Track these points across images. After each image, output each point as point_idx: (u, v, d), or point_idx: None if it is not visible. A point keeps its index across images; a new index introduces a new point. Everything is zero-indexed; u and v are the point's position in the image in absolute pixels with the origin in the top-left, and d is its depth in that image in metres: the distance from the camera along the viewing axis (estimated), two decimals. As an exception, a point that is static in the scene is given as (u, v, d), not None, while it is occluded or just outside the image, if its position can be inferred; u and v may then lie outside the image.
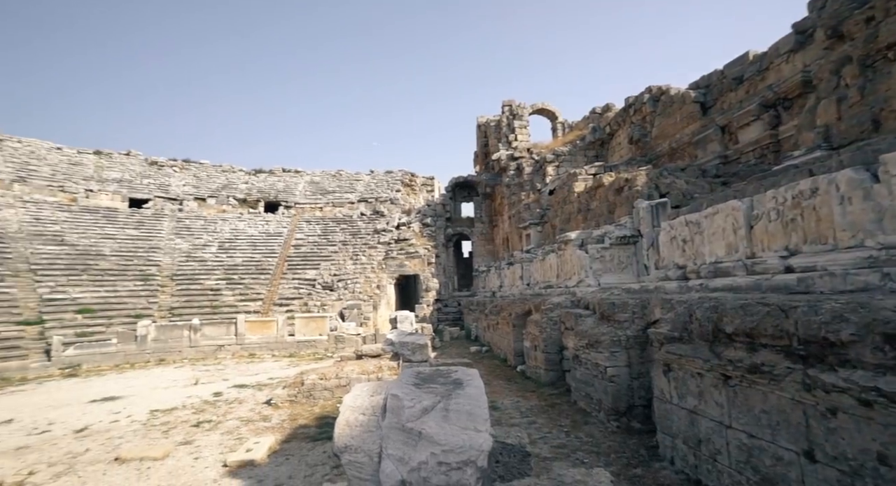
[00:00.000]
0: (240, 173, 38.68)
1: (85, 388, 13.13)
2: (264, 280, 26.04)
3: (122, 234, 27.44)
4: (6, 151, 30.88)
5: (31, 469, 6.45)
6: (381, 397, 2.18)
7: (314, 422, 8.14)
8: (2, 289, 19.92)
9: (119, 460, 6.66)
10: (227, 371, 15.09)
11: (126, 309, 21.55)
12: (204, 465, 6.35)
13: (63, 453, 7.24)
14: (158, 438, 7.78)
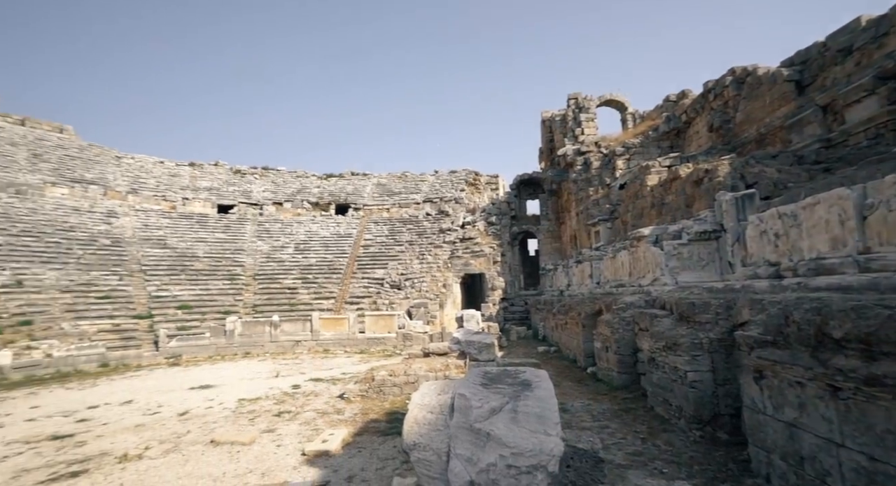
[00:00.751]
0: (312, 178, 40.94)
1: (185, 376, 14.58)
2: (336, 279, 27.35)
3: (212, 237, 30.14)
4: (123, 167, 35.19)
5: (147, 445, 7.28)
6: (449, 396, 2.18)
7: (384, 417, 8.39)
8: (120, 287, 22.70)
9: (214, 442, 7.31)
10: (304, 365, 16.02)
11: (216, 306, 23.65)
12: (285, 452, 6.78)
13: (170, 432, 8.08)
14: (246, 425, 8.43)
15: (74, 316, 19.83)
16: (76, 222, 26.41)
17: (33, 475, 6.33)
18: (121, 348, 18.57)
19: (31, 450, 7.48)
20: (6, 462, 6.93)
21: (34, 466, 6.72)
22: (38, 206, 26.31)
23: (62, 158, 32.62)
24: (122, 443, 7.54)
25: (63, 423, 9.10)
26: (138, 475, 6.14)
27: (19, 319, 18.42)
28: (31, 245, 22.86)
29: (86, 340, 18.58)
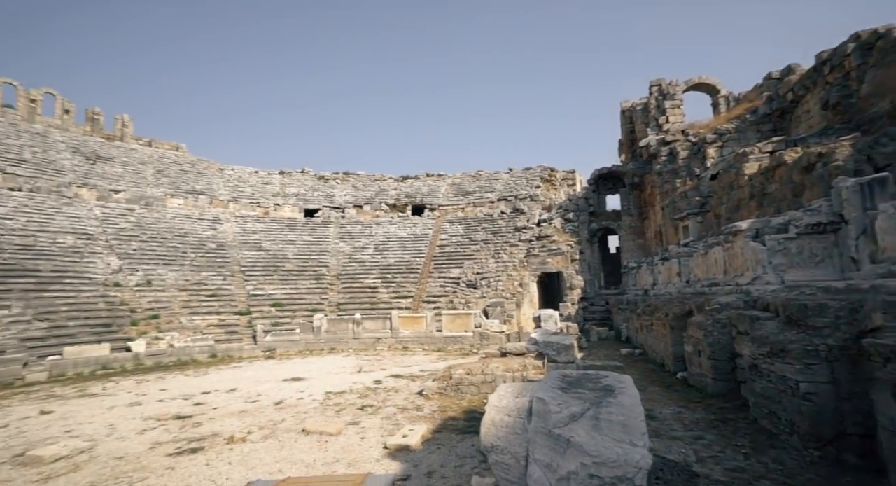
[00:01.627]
0: (389, 181, 42.47)
1: (279, 368, 15.85)
2: (413, 279, 28.13)
3: (300, 240, 32.47)
4: (225, 178, 39.19)
5: (249, 430, 8.02)
6: (527, 399, 2.13)
7: (462, 415, 8.46)
8: (224, 286, 25.29)
9: (305, 431, 7.86)
10: (385, 362, 16.67)
11: (305, 304, 25.43)
12: (368, 444, 7.10)
13: (267, 419, 8.84)
14: (332, 416, 8.96)
15: (189, 312, 22.44)
16: (189, 229, 29.87)
17: (164, 448, 7.26)
18: (226, 341, 20.67)
19: (162, 426, 8.58)
20: (145, 435, 8.02)
21: (164, 440, 7.70)
22: (161, 215, 30.14)
23: (178, 173, 37.06)
24: (229, 426, 8.38)
25: (183, 405, 10.33)
26: (243, 455, 6.79)
27: (149, 313, 21.24)
28: (156, 249, 26.26)
29: (198, 333, 20.94)
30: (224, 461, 6.56)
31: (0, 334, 16.50)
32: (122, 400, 11.22)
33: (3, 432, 8.73)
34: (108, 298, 21.09)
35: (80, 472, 6.39)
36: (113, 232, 26.17)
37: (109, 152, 35.41)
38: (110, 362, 16.52)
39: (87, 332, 18.46)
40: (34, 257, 21.17)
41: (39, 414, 10.07)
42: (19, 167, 27.69)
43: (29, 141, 31.39)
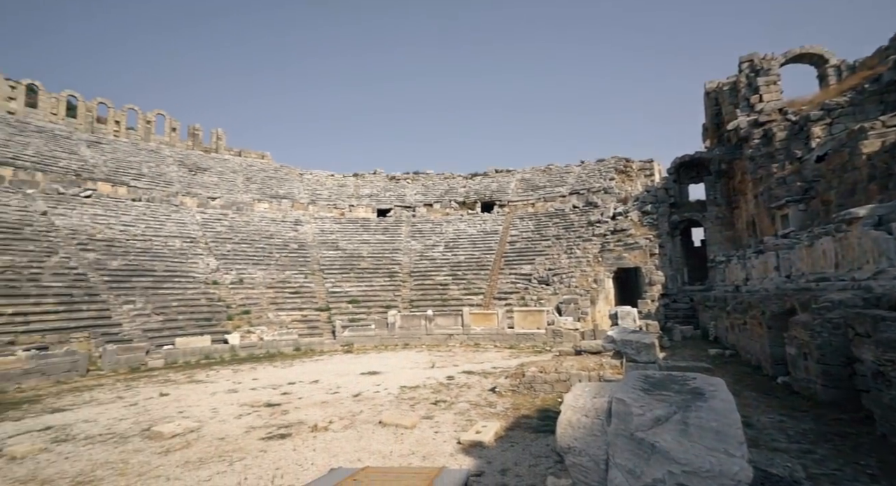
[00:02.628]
0: (458, 179, 42.76)
1: (356, 362, 16.62)
2: (484, 275, 28.10)
3: (373, 239, 33.77)
4: (304, 182, 41.86)
5: (331, 419, 8.50)
6: (605, 399, 2.01)
7: (535, 414, 8.30)
8: (306, 284, 27.03)
9: (382, 423, 8.16)
10: (457, 358, 16.82)
11: (379, 300, 26.41)
12: (442, 439, 7.20)
13: (346, 411, 9.30)
14: (407, 410, 9.20)
15: (276, 308, 24.26)
16: (274, 231, 32.27)
17: (257, 432, 7.92)
18: (308, 336, 22.08)
19: (255, 412, 9.37)
20: (241, 420, 8.81)
21: (257, 425, 8.40)
22: (249, 219, 32.89)
23: (263, 179, 40.17)
24: (312, 416, 8.93)
25: (273, 394, 11.19)
26: (325, 443, 7.19)
27: (242, 309, 23.29)
28: (246, 250, 28.71)
29: (284, 327, 22.58)
30: (309, 448, 7.00)
31: (128, 325, 18.98)
32: (221, 387, 12.40)
33: (134, 409, 10.04)
34: (208, 294, 23.42)
35: (191, 449, 7.15)
36: (211, 235, 29.00)
37: (207, 163, 39.27)
38: (211, 352, 18.34)
39: (193, 325, 20.64)
40: (151, 259, 24.08)
41: (159, 395, 11.43)
42: (139, 181, 31.62)
43: (146, 157, 35.73)
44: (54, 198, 25.62)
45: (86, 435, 8.12)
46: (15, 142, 29.27)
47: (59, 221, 23.74)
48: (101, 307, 19.24)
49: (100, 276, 21.04)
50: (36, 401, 11.36)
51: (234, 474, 6.03)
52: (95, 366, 15.75)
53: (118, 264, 22.51)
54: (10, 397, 11.93)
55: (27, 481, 6.14)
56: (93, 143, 34.43)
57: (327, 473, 4.77)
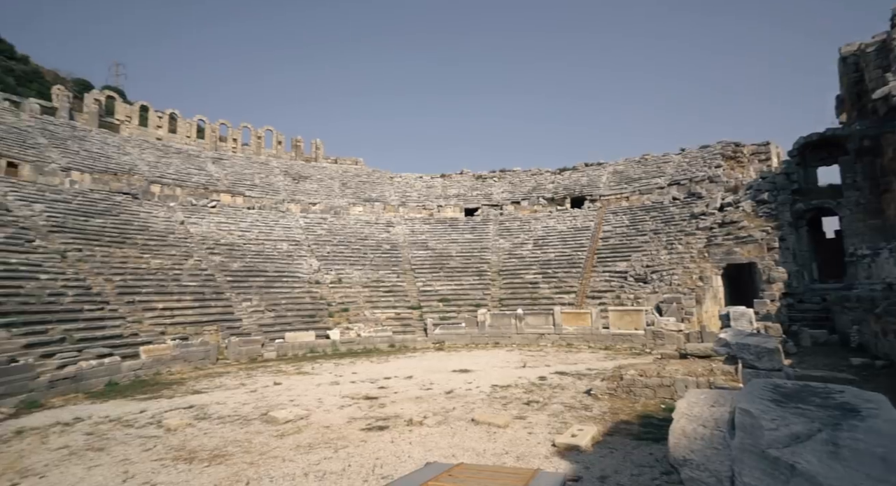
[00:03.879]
0: (546, 174, 41.66)
1: (447, 360, 16.94)
2: (576, 273, 27.05)
3: (461, 238, 34.18)
4: (395, 185, 43.77)
5: (425, 415, 8.76)
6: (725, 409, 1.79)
7: (636, 420, 7.78)
8: (398, 283, 28.21)
9: (474, 421, 8.21)
10: (548, 358, 16.39)
11: (469, 299, 26.65)
12: (536, 440, 7.05)
13: (440, 407, 9.52)
14: (499, 409, 9.16)
15: (371, 306, 25.64)
16: (368, 233, 34.13)
17: (358, 423, 8.43)
18: (401, 333, 22.99)
19: (355, 404, 9.99)
20: (343, 410, 9.45)
21: (357, 416, 8.95)
22: (346, 222, 35.17)
23: (358, 184, 42.70)
24: (407, 410, 9.27)
25: (371, 388, 11.83)
26: (421, 437, 7.42)
27: (341, 306, 24.99)
28: (343, 252, 30.75)
29: (379, 324, 23.77)
30: (405, 441, 7.27)
31: (246, 320, 21.35)
32: (325, 379, 13.40)
33: (254, 395, 11.26)
34: (311, 293, 25.48)
35: (302, 434, 7.82)
36: (312, 238, 31.51)
37: (308, 172, 42.74)
38: (315, 346, 19.91)
39: (299, 321, 22.59)
40: (263, 261, 26.84)
41: (273, 384, 12.69)
42: (252, 191, 35.44)
43: (257, 169, 39.93)
44: (189, 208, 29.65)
45: (218, 415, 9.27)
46: (161, 163, 34.43)
47: (192, 228, 27.44)
48: (225, 304, 21.85)
49: (224, 276, 23.92)
50: (181, 383, 13.24)
51: (339, 460, 6.46)
52: (223, 355, 17.93)
53: (238, 265, 25.40)
54: (163, 378, 14.06)
55: (180, 449, 7.18)
56: (216, 159, 39.27)
57: (423, 466, 4.91)
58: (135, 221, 25.47)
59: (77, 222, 22.51)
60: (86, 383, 12.44)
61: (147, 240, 23.93)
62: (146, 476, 6.08)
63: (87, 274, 19.08)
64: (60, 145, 29.87)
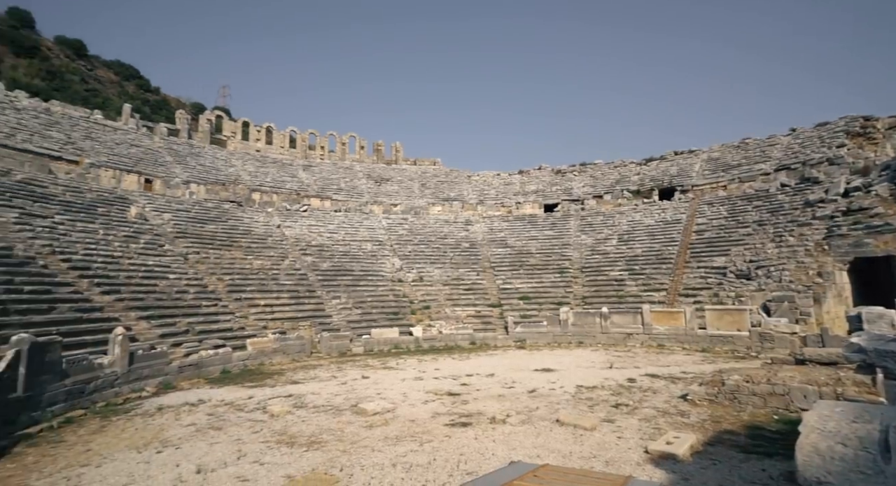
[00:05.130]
0: (630, 166, 39.34)
1: (529, 359, 16.66)
2: (666, 270, 25.20)
3: (541, 235, 33.41)
4: (472, 184, 44.03)
5: (508, 413, 8.70)
6: (872, 426, 1.53)
7: (742, 430, 7.06)
8: (478, 281, 28.33)
9: (559, 422, 7.99)
10: (637, 359, 15.45)
11: (550, 297, 25.98)
12: (626, 445, 6.67)
13: (523, 406, 9.39)
14: (585, 411, 8.82)
15: (452, 304, 26.01)
16: (447, 231, 34.67)
17: (442, 418, 8.61)
18: (482, 331, 23.04)
19: (438, 400, 10.21)
20: (427, 405, 9.70)
21: (441, 411, 9.13)
22: (425, 222, 36.05)
23: (436, 184, 43.57)
24: (490, 408, 9.27)
25: (453, 384, 12.01)
26: (504, 436, 7.38)
27: (423, 304, 25.67)
28: (424, 251, 31.54)
29: (459, 322, 24.02)
30: (489, 438, 7.28)
31: (336, 316, 22.77)
32: (409, 374, 13.84)
33: (344, 387, 11.97)
34: (394, 291, 26.47)
35: (389, 426, 8.16)
36: (395, 238, 32.72)
37: (389, 174, 44.46)
38: (399, 343, 20.65)
39: (383, 317, 23.59)
40: (350, 261, 28.42)
41: (361, 378, 13.39)
42: (339, 194, 37.72)
43: (342, 174, 42.40)
44: (283, 213, 32.30)
45: (314, 405, 9.99)
46: (260, 172, 37.94)
47: (287, 231, 29.85)
48: (317, 301, 23.48)
49: (315, 275, 25.71)
50: (280, 373, 14.48)
51: (425, 453, 6.64)
52: (316, 349, 19.29)
53: (327, 265, 27.15)
54: (265, 369, 15.49)
55: (282, 433, 7.86)
56: (306, 166, 42.34)
57: (507, 465, 4.87)
58: (239, 226, 28.30)
59: (195, 228, 25.56)
60: (205, 370, 14.09)
61: (250, 243, 26.47)
62: (255, 456, 6.72)
63: (203, 274, 21.59)
64: (182, 162, 34.11)
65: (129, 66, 78.18)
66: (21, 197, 19.47)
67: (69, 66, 65.02)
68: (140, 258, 19.92)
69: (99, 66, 73.32)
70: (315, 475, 5.88)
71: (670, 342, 18.52)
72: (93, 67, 70.56)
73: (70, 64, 65.72)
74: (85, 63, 69.60)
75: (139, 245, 20.97)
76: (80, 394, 10.06)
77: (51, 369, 9.36)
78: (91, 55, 72.89)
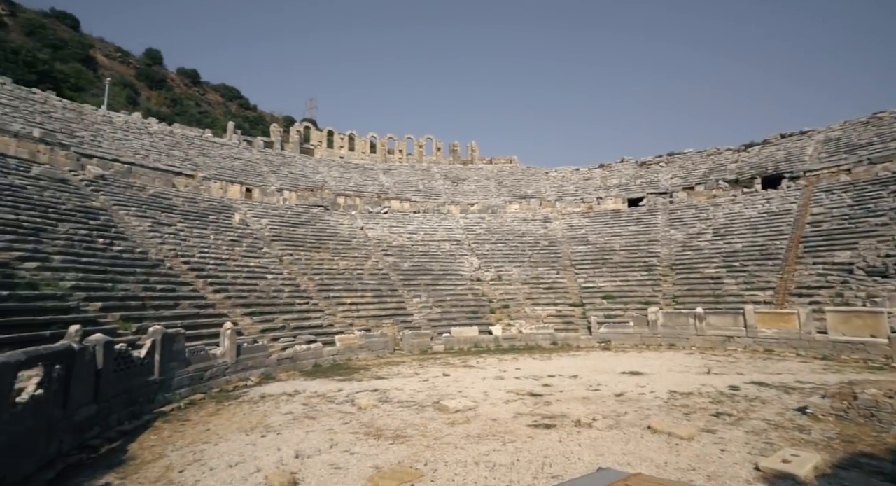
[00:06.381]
0: (727, 153, 35.82)
1: (615, 360, 15.81)
2: (772, 267, 22.54)
3: (625, 231, 31.59)
4: (550, 180, 42.92)
5: (594, 417, 8.33)
6: None
7: (887, 455, 6.06)
8: (558, 280, 27.52)
9: (650, 429, 7.47)
10: (740, 365, 14.00)
11: (636, 296, 24.46)
12: (731, 460, 6.05)
13: (610, 410, 8.93)
14: (680, 418, 8.16)
15: (531, 303, 25.52)
16: (525, 229, 34.09)
17: (524, 419, 8.47)
18: (563, 331, 22.32)
19: (520, 400, 10.05)
20: (509, 405, 9.60)
21: (523, 412, 8.98)
22: (503, 220, 35.77)
23: (513, 182, 43.07)
24: (574, 410, 8.93)
25: (535, 385, 11.76)
26: (590, 440, 7.06)
27: (501, 303, 25.50)
28: (502, 249, 31.31)
29: (539, 321, 23.48)
30: (574, 442, 7.01)
31: (417, 315, 23.40)
32: (489, 373, 13.79)
33: (426, 384, 12.25)
34: (473, 290, 26.57)
35: (471, 424, 8.20)
36: (472, 237, 32.85)
37: (465, 174, 44.79)
38: (479, 341, 20.68)
39: (463, 316, 23.77)
40: (429, 260, 29.05)
41: (442, 375, 13.61)
42: (417, 195, 38.76)
43: (420, 176, 43.52)
44: (366, 216, 33.89)
45: (397, 400, 10.34)
46: (344, 178, 40.22)
47: (370, 233, 31.28)
48: (398, 300, 24.30)
49: (396, 275, 26.64)
50: (366, 369, 15.20)
51: (508, 454, 6.56)
52: (398, 346, 19.97)
53: (407, 265, 28.00)
54: (352, 364, 16.36)
55: (369, 426, 8.24)
56: (386, 170, 44.05)
57: (595, 471, 4.65)
58: (326, 228, 30.19)
59: (288, 232, 27.73)
60: (299, 363, 15.22)
61: (336, 245, 28.13)
62: (346, 446, 7.11)
63: (296, 274, 23.34)
64: (276, 171, 37.24)
65: (232, 88, 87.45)
66: (153, 208, 22.52)
67: (186, 92, 74.51)
68: (243, 260, 22.06)
69: (209, 90, 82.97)
70: (401, 468, 6.07)
71: (780, 347, 16.55)
72: (204, 92, 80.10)
73: (187, 91, 75.30)
74: (198, 89, 79.33)
75: (242, 248, 23.22)
76: (199, 380, 11.38)
77: (177, 357, 10.72)
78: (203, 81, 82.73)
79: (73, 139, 26.42)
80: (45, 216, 16.18)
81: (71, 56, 56.54)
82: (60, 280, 12.93)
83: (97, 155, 26.01)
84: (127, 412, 8.69)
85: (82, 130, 28.40)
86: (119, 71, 63.93)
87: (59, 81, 45.40)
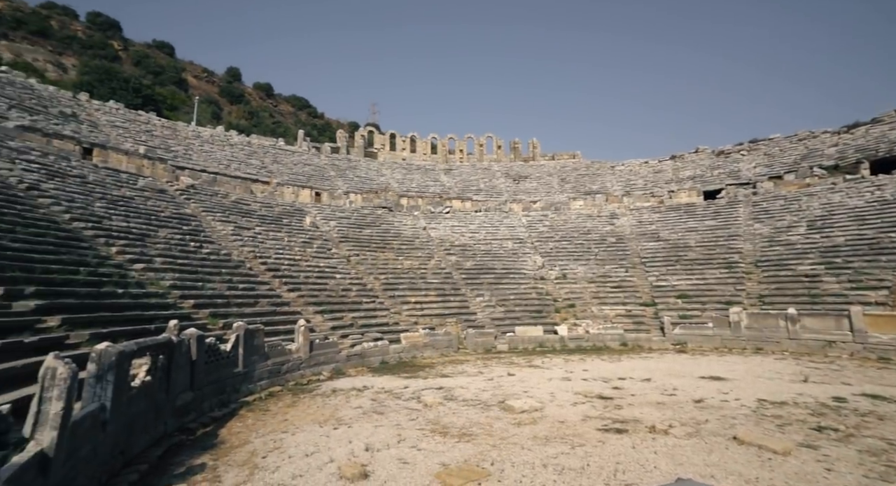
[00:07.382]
0: (823, 136, 32.18)
1: (693, 364, 14.76)
2: (886, 263, 19.87)
3: (701, 226, 29.40)
4: (616, 174, 41.07)
5: (670, 423, 7.83)
6: None
7: None
8: (627, 278, 26.23)
9: (737, 440, 6.87)
10: (846, 373, 12.50)
11: (715, 295, 22.66)
12: (841, 481, 5.40)
13: (688, 417, 8.34)
14: (773, 430, 7.43)
15: (598, 302, 24.52)
16: (590, 226, 32.84)
17: (593, 422, 8.14)
18: (633, 331, 21.21)
19: (588, 402, 9.69)
20: (577, 407, 9.29)
21: (592, 415, 8.64)
22: (567, 217, 34.73)
23: (577, 178, 41.70)
24: (648, 415, 8.44)
25: (604, 387, 11.28)
26: (667, 448, 6.63)
27: (567, 302, 24.75)
28: (566, 247, 30.41)
29: (608, 321, 22.50)
30: (649, 449, 6.61)
31: (480, 314, 23.37)
32: (556, 374, 13.43)
33: (491, 383, 12.19)
34: (537, 289, 26.03)
35: (537, 425, 8.02)
36: (535, 235, 32.21)
37: (526, 171, 44.04)
38: (543, 341, 20.22)
39: (527, 316, 23.37)
40: (492, 259, 28.90)
41: (507, 375, 13.47)
42: (478, 195, 38.71)
43: (481, 175, 43.43)
44: (428, 216, 34.39)
45: (462, 398, 10.37)
46: (406, 179, 41.13)
47: (432, 233, 31.71)
48: (462, 299, 24.40)
49: (459, 274, 26.76)
50: (431, 367, 15.41)
51: (577, 458, 6.33)
52: (462, 345, 20.05)
53: (470, 264, 28.03)
54: (417, 362, 16.67)
55: (435, 423, 8.34)
56: (447, 170, 44.43)
57: (674, 482, 4.35)
58: (390, 229, 31.02)
59: (354, 233, 28.85)
60: (367, 360, 15.76)
61: (400, 245, 28.81)
62: (413, 442, 7.24)
63: (363, 274, 24.22)
64: (342, 175, 38.91)
65: (301, 98, 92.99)
66: (234, 213, 24.46)
67: (262, 105, 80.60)
68: (314, 260, 23.27)
69: (281, 101, 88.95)
70: (468, 467, 6.06)
71: None
72: (277, 104, 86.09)
73: (262, 103, 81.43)
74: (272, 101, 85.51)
75: (313, 249, 24.51)
76: (277, 373, 12.16)
77: (257, 352, 11.53)
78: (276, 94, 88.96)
79: (170, 154, 29.38)
80: (149, 223, 18.15)
81: (168, 80, 64.19)
82: (161, 280, 14.41)
83: (188, 167, 28.72)
84: (217, 400, 9.50)
85: (176, 145, 31.51)
86: (205, 89, 70.34)
87: (158, 102, 51.22)
